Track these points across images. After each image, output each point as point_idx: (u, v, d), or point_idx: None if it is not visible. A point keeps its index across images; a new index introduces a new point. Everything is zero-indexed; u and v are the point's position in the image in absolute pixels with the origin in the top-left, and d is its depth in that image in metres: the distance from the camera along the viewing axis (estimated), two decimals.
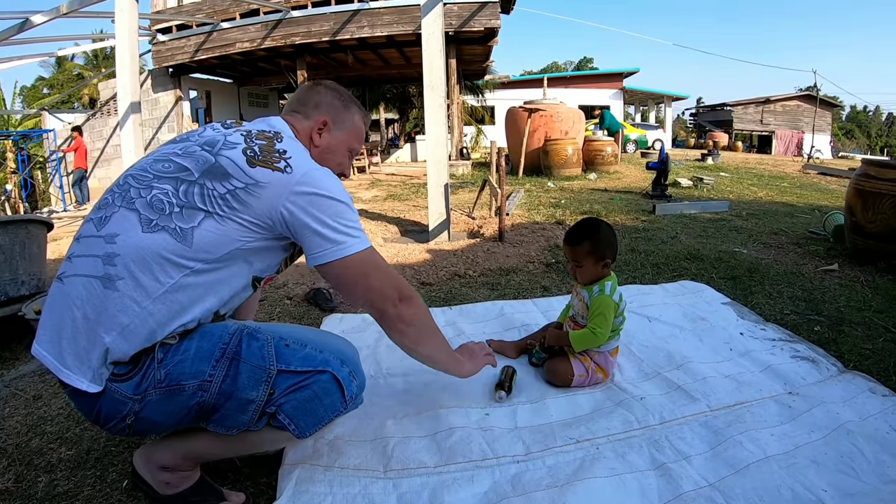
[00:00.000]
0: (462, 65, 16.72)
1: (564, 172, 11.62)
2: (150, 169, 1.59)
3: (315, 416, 1.65)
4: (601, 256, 2.38)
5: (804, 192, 9.80)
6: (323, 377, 1.63)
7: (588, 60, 65.87)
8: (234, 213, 1.52)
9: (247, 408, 1.57)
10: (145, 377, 1.49)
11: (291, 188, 1.55)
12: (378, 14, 13.18)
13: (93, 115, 17.24)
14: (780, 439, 2.00)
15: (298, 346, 1.64)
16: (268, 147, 1.62)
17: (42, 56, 18.40)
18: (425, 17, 5.72)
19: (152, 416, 1.53)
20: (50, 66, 36.10)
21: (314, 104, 1.90)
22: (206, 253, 1.51)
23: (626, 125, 26.10)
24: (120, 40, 7.50)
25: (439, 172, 5.85)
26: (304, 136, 1.85)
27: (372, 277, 1.68)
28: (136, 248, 1.46)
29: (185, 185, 1.52)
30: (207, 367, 1.53)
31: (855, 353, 2.74)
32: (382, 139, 28.95)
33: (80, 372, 1.46)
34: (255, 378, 1.56)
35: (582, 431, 2.07)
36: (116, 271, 1.46)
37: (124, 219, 1.51)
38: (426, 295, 3.86)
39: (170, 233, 1.48)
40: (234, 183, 1.52)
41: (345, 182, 1.90)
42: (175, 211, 1.49)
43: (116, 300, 1.45)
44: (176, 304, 1.50)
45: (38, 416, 2.40)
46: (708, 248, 4.97)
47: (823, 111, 35.22)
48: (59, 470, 1.98)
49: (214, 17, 13.98)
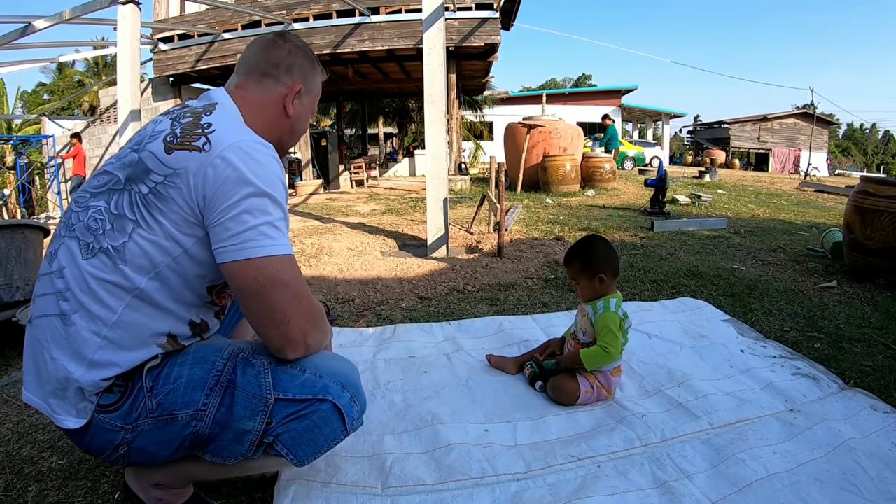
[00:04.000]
0: (462, 80, 16.76)
1: (563, 188, 11.62)
2: (88, 188, 1.49)
3: (314, 444, 1.53)
4: (594, 273, 2.40)
5: (801, 210, 9.81)
6: (323, 406, 1.50)
7: (586, 77, 66.31)
8: (160, 215, 1.37)
9: (243, 438, 1.47)
10: (135, 406, 1.43)
11: (206, 170, 1.36)
12: (379, 28, 13.22)
13: (92, 122, 17.24)
14: (783, 457, 1.99)
15: (297, 370, 1.51)
16: (192, 124, 1.44)
17: (43, 61, 18.42)
18: (427, 31, 5.73)
19: (146, 446, 1.46)
20: (51, 72, 36.22)
21: (286, 66, 1.67)
22: (144, 268, 1.39)
23: (624, 142, 26.19)
24: (121, 48, 7.53)
25: (438, 187, 5.85)
26: (272, 103, 1.66)
27: (278, 293, 1.39)
28: (81, 278, 1.39)
29: (116, 196, 1.41)
30: (201, 397, 1.45)
31: (855, 369, 2.74)
32: (381, 153, 29.00)
33: (64, 411, 1.41)
34: (251, 408, 1.46)
35: (583, 449, 2.05)
36: (70, 306, 1.39)
37: (68, 249, 1.43)
38: (425, 309, 3.84)
39: (105, 254, 1.38)
40: (154, 178, 1.38)
41: (343, 196, 1.79)
42: (107, 228, 1.39)
43: (76, 335, 1.38)
44: (138, 327, 1.42)
45: (30, 423, 2.38)
46: (707, 265, 4.96)
47: (820, 129, 35.46)
48: (50, 479, 1.96)
49: (216, 28, 14.00)
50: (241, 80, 1.67)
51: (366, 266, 5.22)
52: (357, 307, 3.94)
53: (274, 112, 1.66)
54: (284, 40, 1.70)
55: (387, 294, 4.24)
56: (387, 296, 4.19)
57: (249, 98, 1.62)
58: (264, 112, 1.64)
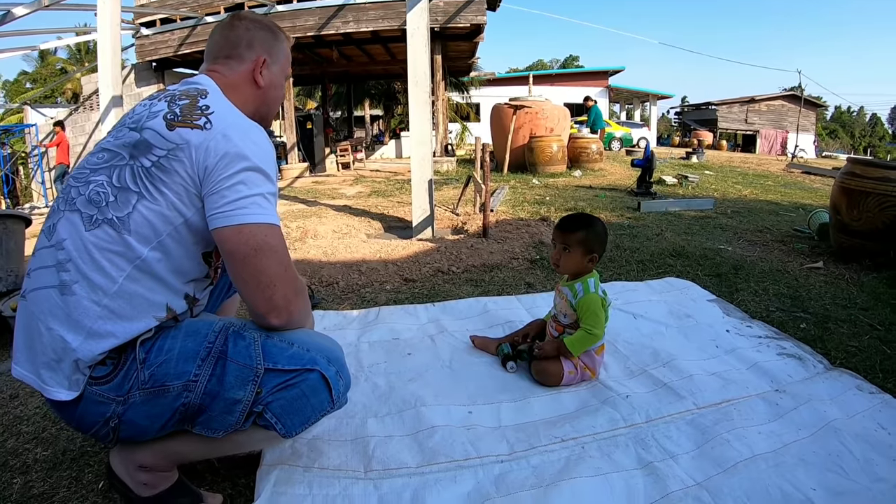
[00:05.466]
0: (447, 61, 16.68)
1: (549, 169, 11.62)
2: (87, 164, 1.55)
3: (302, 415, 1.58)
4: (590, 250, 2.38)
5: (788, 191, 9.85)
6: (311, 376, 1.56)
7: (574, 58, 66.15)
8: (164, 186, 1.44)
9: (234, 408, 1.52)
10: (127, 378, 1.45)
11: (208, 144, 1.45)
12: (363, 9, 13.13)
13: (75, 110, 17.09)
14: (768, 437, 1.99)
15: (285, 344, 1.57)
16: (190, 105, 1.54)
17: (25, 49, 18.17)
18: (410, 11, 5.68)
19: (136, 419, 1.49)
20: (33, 60, 35.84)
21: (246, 43, 1.76)
22: (147, 237, 1.45)
23: (612, 123, 26.19)
24: (102, 33, 7.40)
25: (423, 169, 5.82)
26: (242, 80, 1.75)
27: (266, 257, 1.47)
28: (83, 248, 1.44)
29: (118, 170, 1.47)
30: (192, 367, 1.49)
31: (841, 350, 2.74)
32: (367, 135, 28.86)
33: (56, 383, 1.43)
34: (242, 377, 1.51)
35: (567, 430, 2.05)
36: (70, 276, 1.43)
37: (68, 222, 1.48)
38: (409, 291, 3.82)
39: (109, 224, 1.44)
40: (157, 153, 1.45)
41: (329, 179, 1.81)
42: (111, 200, 1.45)
43: (76, 305, 1.41)
44: (136, 297, 1.46)
45: (14, 415, 2.36)
46: (693, 245, 4.96)
47: (808, 111, 35.55)
48: (35, 471, 1.96)
49: (199, 12, 13.86)
50: (210, 65, 1.77)
51: (350, 249, 5.20)
52: (341, 290, 3.92)
53: (246, 88, 1.75)
54: (240, 19, 1.80)
55: (371, 276, 4.22)
56: (371, 278, 4.17)
57: (223, 80, 1.71)
58: (238, 90, 1.72)
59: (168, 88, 1.66)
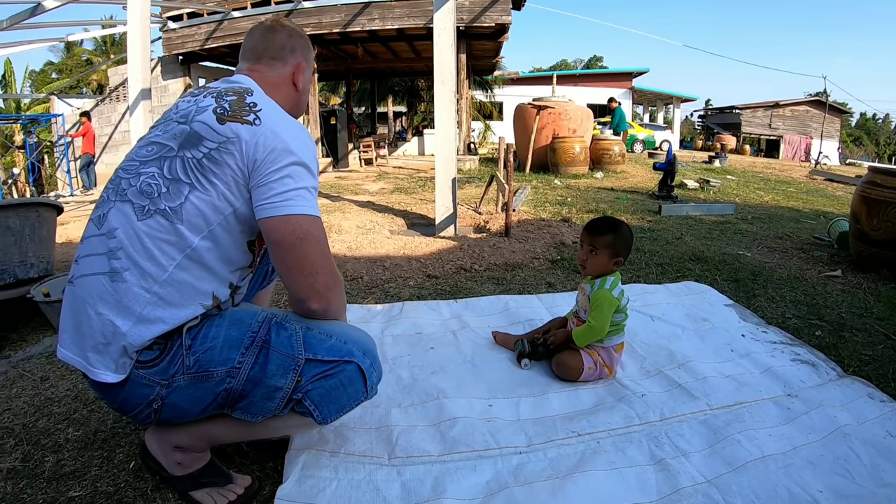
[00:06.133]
0: (472, 60, 16.71)
1: (571, 170, 11.60)
2: (136, 157, 1.63)
3: (339, 403, 1.67)
4: (616, 253, 2.46)
5: (810, 198, 9.79)
6: (349, 367, 1.65)
7: (598, 59, 65.67)
8: (215, 177, 1.53)
9: (275, 395, 1.60)
10: (173, 363, 1.53)
11: (257, 139, 1.55)
12: (389, 7, 13.18)
13: (102, 101, 17.24)
14: (778, 440, 2.03)
15: (324, 336, 1.66)
16: (238, 101, 1.63)
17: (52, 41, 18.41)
18: (438, 10, 5.73)
19: (179, 402, 1.57)
20: (59, 51, 36.03)
21: (290, 49, 1.88)
22: (199, 227, 1.53)
23: (635, 125, 26.07)
24: (132, 27, 7.48)
25: (447, 167, 5.87)
26: (284, 82, 1.87)
27: (309, 245, 1.57)
28: (135, 237, 1.50)
29: (169, 162, 1.55)
30: (236, 355, 1.57)
31: (855, 358, 2.77)
32: (390, 132, 28.90)
33: (103, 365, 1.50)
34: (283, 366, 1.60)
35: (583, 425, 2.11)
36: (121, 264, 1.50)
37: (120, 212, 1.55)
38: (432, 287, 3.89)
39: (162, 215, 1.51)
40: (207, 145, 1.54)
41: (352, 174, 1.90)
42: (163, 191, 1.52)
43: (126, 291, 1.49)
44: (185, 285, 1.53)
45: (46, 397, 2.43)
46: (712, 250, 4.98)
47: (832, 117, 35.16)
48: (67, 450, 2.02)
49: (226, 6, 13.98)
50: (252, 65, 1.86)
51: (374, 244, 5.26)
52: (365, 284, 4.00)
53: (286, 89, 1.88)
54: (282, 26, 1.91)
55: (395, 272, 4.29)
56: (395, 273, 4.24)
57: (265, 79, 1.82)
58: (280, 90, 1.84)
59: (209, 85, 1.75)
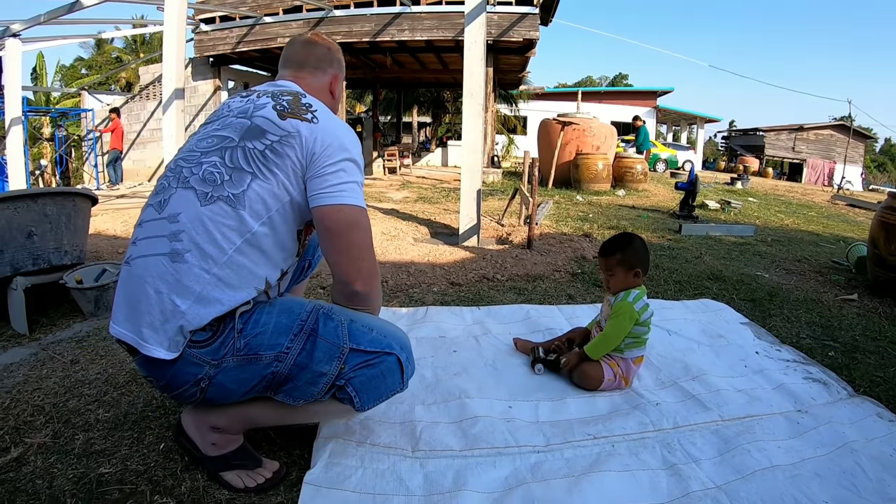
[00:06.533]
0: (498, 74, 16.77)
1: (593, 187, 11.66)
2: (197, 148, 1.75)
3: (377, 392, 1.79)
4: (630, 266, 2.54)
5: (831, 223, 9.79)
6: (389, 358, 1.77)
7: (623, 77, 65.54)
8: (276, 168, 1.67)
9: (319, 380, 1.71)
10: (224, 344, 1.64)
11: (316, 135, 1.70)
12: (419, 18, 13.29)
13: (132, 98, 17.48)
14: (787, 452, 2.09)
15: (366, 329, 1.76)
16: (295, 101, 1.79)
17: (85, 37, 18.76)
18: (469, 25, 5.84)
19: (226, 382, 1.67)
20: (90, 47, 36.42)
21: (328, 60, 2.06)
22: (259, 213, 1.66)
23: (658, 144, 26.04)
24: (168, 27, 7.67)
25: (473, 178, 5.97)
26: (323, 90, 2.04)
27: (358, 232, 1.73)
28: (198, 221, 1.62)
29: (230, 152, 1.68)
30: (285, 340, 1.68)
31: (866, 379, 2.82)
32: (414, 142, 29.05)
33: (157, 342, 1.60)
34: (329, 353, 1.70)
35: (599, 429, 2.20)
36: (183, 245, 1.60)
37: (182, 198, 1.66)
38: (455, 294, 3.99)
39: (225, 201, 1.63)
40: (270, 138, 1.68)
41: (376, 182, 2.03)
42: (226, 179, 1.65)
43: (187, 271, 1.59)
44: (243, 268, 1.65)
45: (76, 379, 2.53)
46: (731, 269, 5.03)
47: (856, 142, 34.85)
48: (97, 430, 2.10)
49: (258, 11, 14.14)
50: (296, 72, 2.03)
51: (399, 250, 5.37)
52: (391, 288, 4.10)
53: (325, 96, 2.04)
54: (321, 39, 2.09)
55: (419, 278, 4.39)
56: (419, 279, 4.34)
57: (308, 86, 1.98)
58: (319, 96, 1.97)
59: (256, 88, 1.91)
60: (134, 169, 16.56)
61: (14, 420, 2.17)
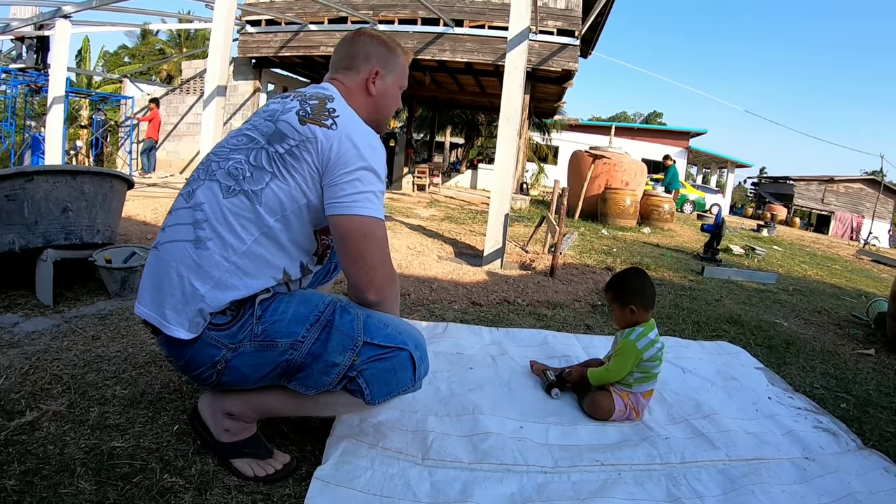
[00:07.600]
0: (534, 101, 16.86)
1: (620, 222, 11.72)
2: (227, 144, 1.84)
3: (388, 386, 1.82)
4: (625, 303, 2.62)
5: (854, 277, 9.73)
6: (402, 354, 1.80)
7: (657, 115, 65.65)
8: (294, 170, 1.71)
9: (331, 370, 1.75)
10: (242, 329, 1.72)
11: (332, 142, 1.71)
12: (461, 40, 13.43)
13: (172, 91, 17.77)
14: (791, 497, 2.11)
15: (382, 325, 1.81)
16: (319, 106, 1.80)
17: (132, 26, 19.14)
18: (511, 51, 5.92)
19: (242, 366, 1.74)
20: (135, 36, 36.95)
21: (363, 56, 2.02)
22: (274, 210, 1.71)
23: (687, 185, 26.00)
24: (216, 25, 7.84)
25: (502, 202, 6.02)
26: (358, 89, 2.01)
27: (370, 243, 1.74)
28: (220, 211, 1.70)
29: (255, 152, 1.74)
30: (302, 329, 1.74)
31: (876, 433, 2.82)
32: (445, 161, 29.19)
33: (178, 323, 1.68)
34: (343, 345, 1.75)
35: (607, 456, 2.24)
36: (206, 234, 1.69)
37: (208, 189, 1.75)
38: (475, 313, 4.04)
39: (245, 195, 1.71)
40: (289, 142, 1.72)
41: (405, 198, 2.08)
42: (247, 176, 1.72)
43: (208, 258, 1.68)
44: (260, 259, 1.73)
45: (96, 354, 2.61)
46: (750, 315, 5.03)
47: (886, 198, 34.54)
48: (112, 405, 2.16)
49: (304, 18, 14.35)
50: (333, 74, 2.06)
51: (423, 266, 5.44)
52: (412, 301, 4.17)
53: (360, 96, 2.02)
54: (360, 34, 2.07)
55: (441, 294, 4.45)
56: (441, 296, 4.41)
57: (343, 88, 2.00)
58: (354, 97, 1.99)
59: (299, 90, 1.94)
60: (167, 160, 16.85)
61: (31, 386, 2.25)
